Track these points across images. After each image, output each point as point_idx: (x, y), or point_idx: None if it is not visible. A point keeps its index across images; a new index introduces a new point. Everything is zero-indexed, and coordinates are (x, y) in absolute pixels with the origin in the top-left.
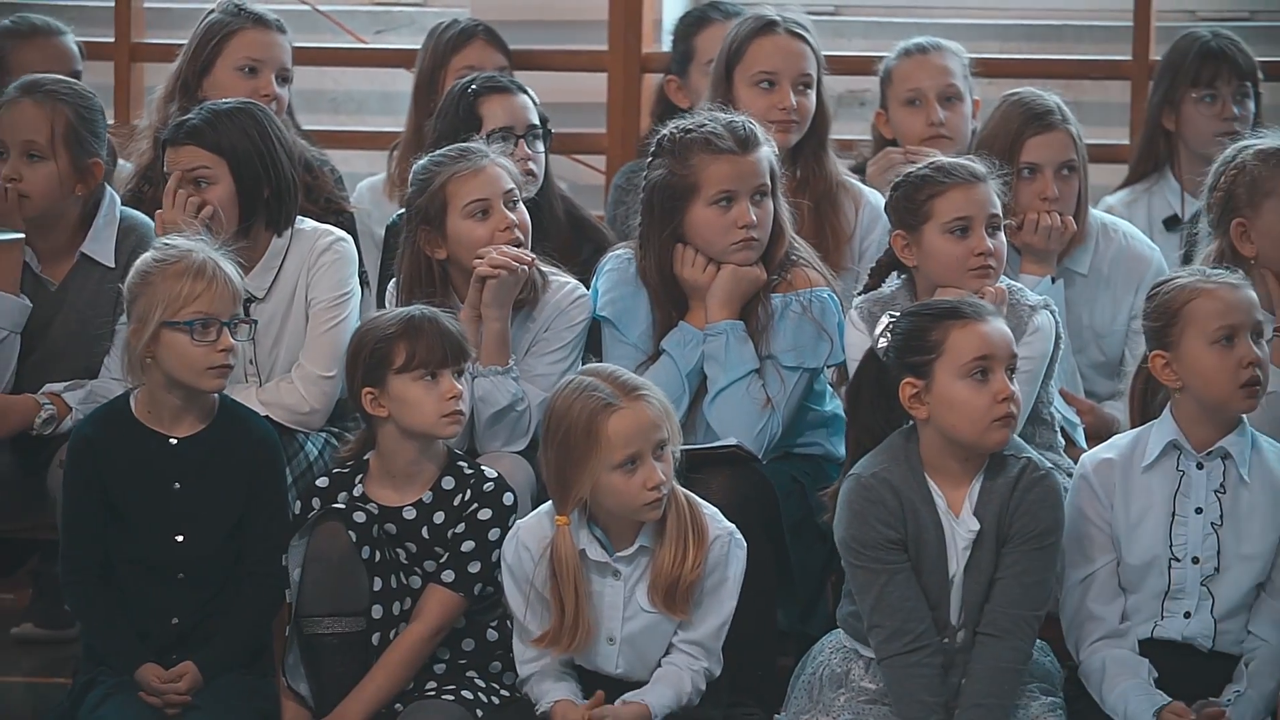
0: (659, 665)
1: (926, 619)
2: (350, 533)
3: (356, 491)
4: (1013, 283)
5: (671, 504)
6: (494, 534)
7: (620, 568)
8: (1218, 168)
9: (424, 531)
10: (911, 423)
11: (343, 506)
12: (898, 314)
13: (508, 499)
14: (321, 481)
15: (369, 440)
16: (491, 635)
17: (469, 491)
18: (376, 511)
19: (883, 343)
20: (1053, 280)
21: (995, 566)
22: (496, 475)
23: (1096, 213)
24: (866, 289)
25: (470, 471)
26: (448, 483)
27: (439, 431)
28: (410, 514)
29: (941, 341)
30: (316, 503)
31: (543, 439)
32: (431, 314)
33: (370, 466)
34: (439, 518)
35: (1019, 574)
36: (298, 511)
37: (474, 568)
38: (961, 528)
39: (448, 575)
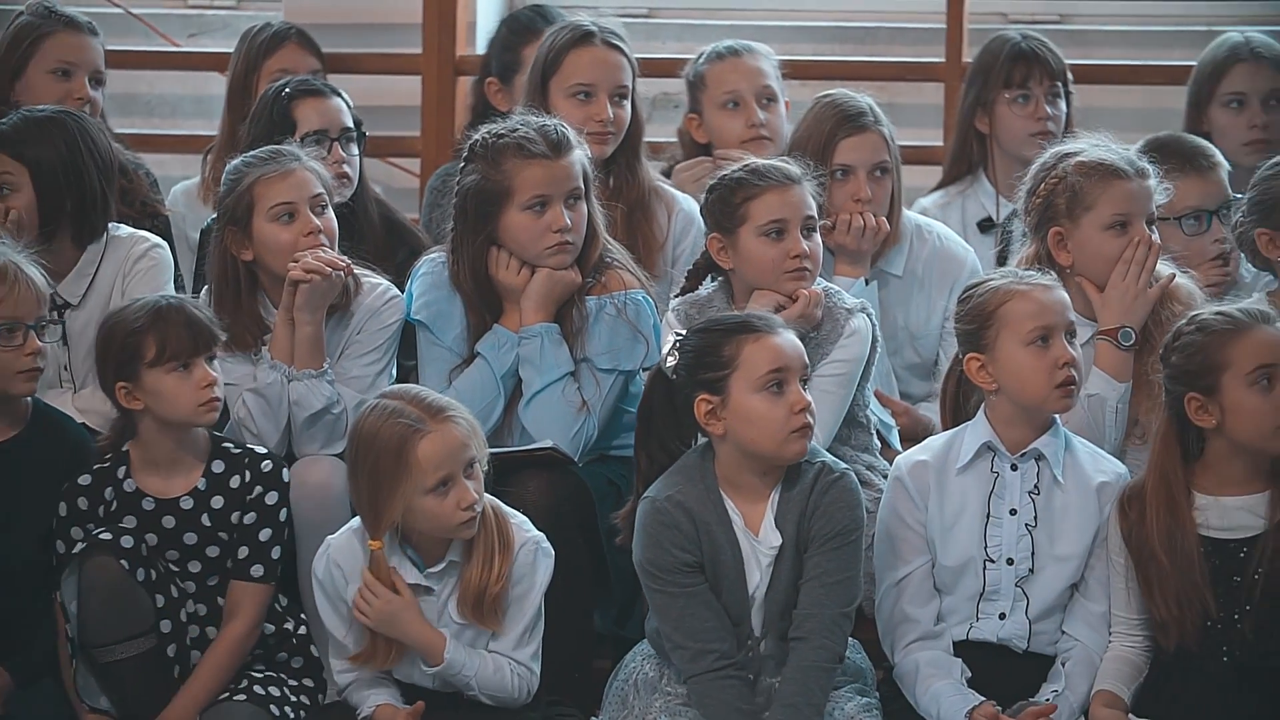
0: None
1: (729, 637)
2: (121, 560)
3: (129, 486)
4: (830, 285)
5: (479, 517)
6: (283, 514)
7: (432, 585)
8: (1037, 173)
9: (204, 519)
10: (706, 440)
11: (109, 537)
12: (684, 333)
13: (285, 475)
14: (84, 479)
15: (127, 430)
16: (268, 629)
17: (247, 473)
18: (152, 506)
19: (671, 361)
20: (866, 282)
21: (800, 573)
22: (266, 450)
23: (910, 214)
24: (683, 291)
25: (238, 451)
26: (218, 466)
27: (197, 420)
28: (188, 504)
29: (735, 356)
30: (83, 503)
31: (351, 465)
32: (178, 303)
33: (132, 457)
34: (218, 502)
35: (822, 575)
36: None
37: (275, 554)
38: (762, 545)
39: (256, 570)
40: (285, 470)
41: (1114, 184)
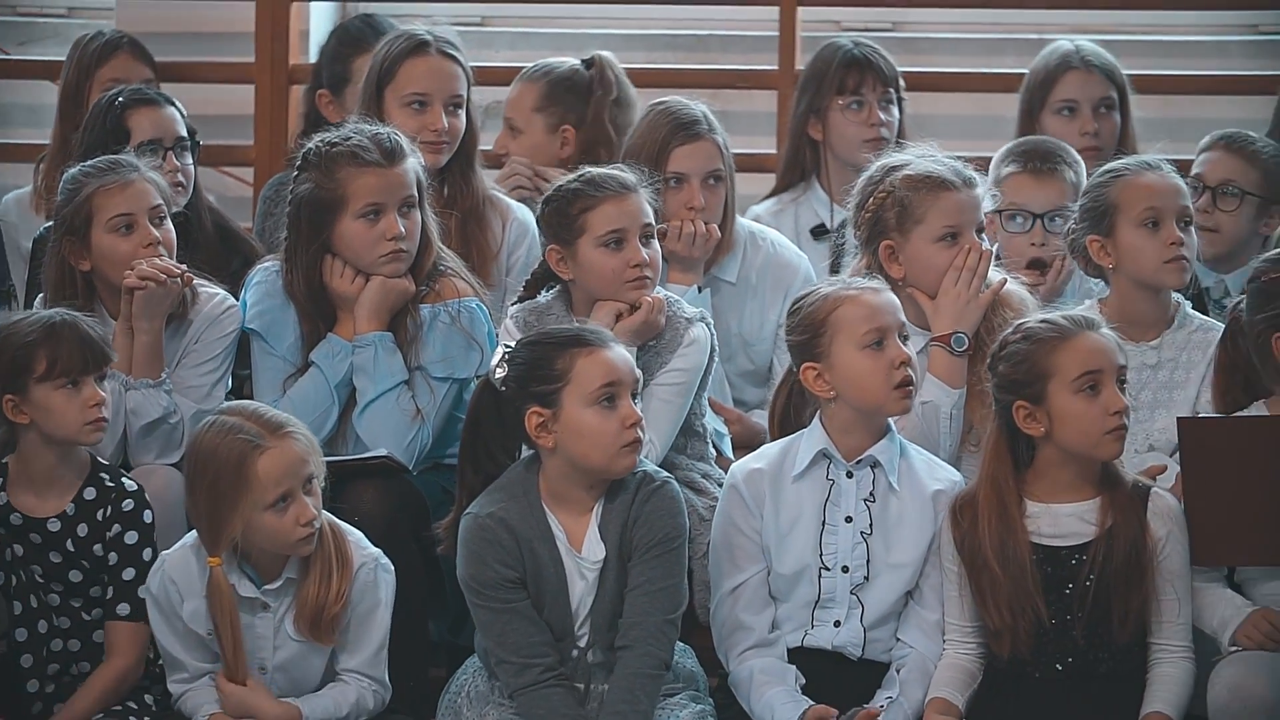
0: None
1: (552, 651)
2: None
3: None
4: (670, 294)
5: (317, 534)
6: (147, 554)
7: (269, 601)
8: (865, 187)
9: (68, 544)
10: (532, 452)
11: None
12: (511, 345)
13: (147, 516)
14: None
15: (8, 443)
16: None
17: (109, 508)
18: (20, 522)
19: (500, 372)
20: (700, 289)
21: (626, 582)
22: (135, 488)
23: (744, 221)
24: (521, 299)
25: (112, 484)
26: (89, 493)
27: (83, 439)
28: (55, 526)
29: (568, 370)
30: None
31: (189, 482)
32: (72, 319)
33: (10, 469)
34: (83, 530)
35: (646, 584)
36: None
37: (143, 593)
38: (586, 560)
39: (123, 609)
40: (148, 511)
41: (942, 196)
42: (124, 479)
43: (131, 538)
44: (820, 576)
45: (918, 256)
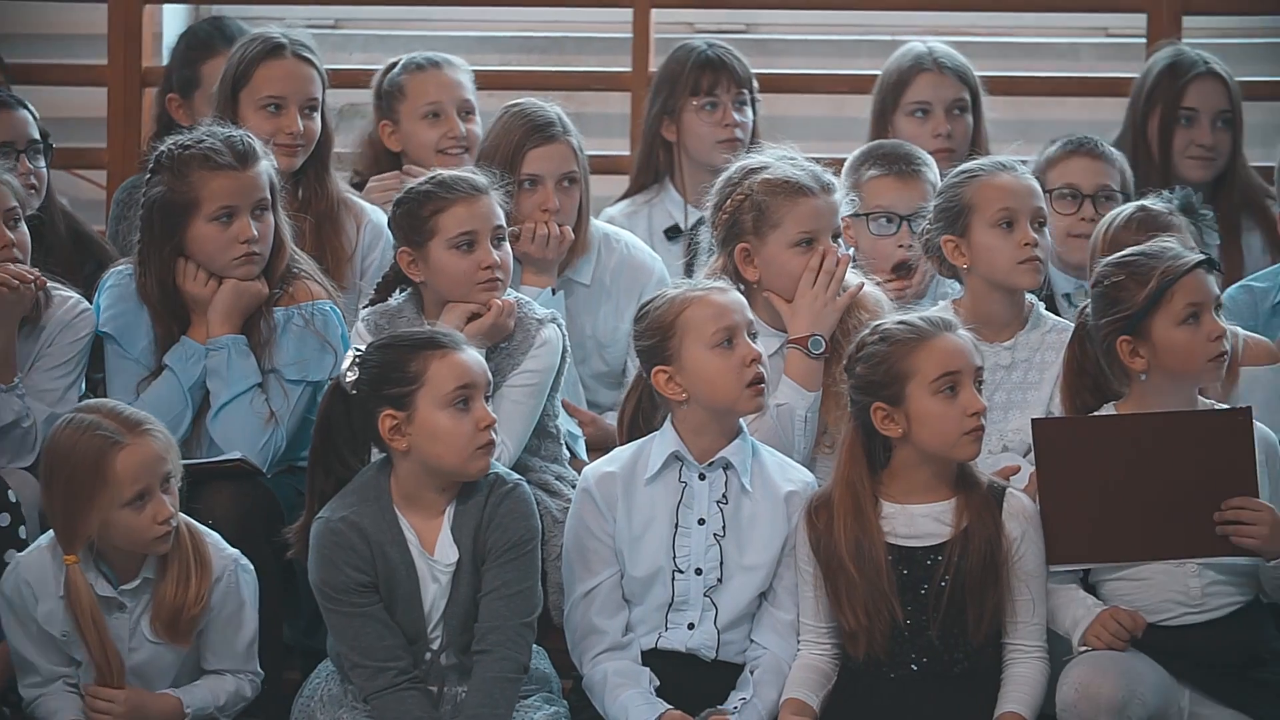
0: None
1: (405, 655)
2: None
3: None
4: (521, 296)
5: (174, 534)
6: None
7: (126, 600)
8: (723, 188)
9: None
10: (384, 455)
11: None
12: (362, 348)
13: (3, 519)
14: None
15: None
16: None
17: None
18: None
19: (351, 376)
20: (554, 291)
21: (480, 585)
22: None
23: (598, 223)
24: (373, 302)
25: None
26: None
27: None
28: None
29: (422, 372)
30: None
31: (45, 479)
32: None
33: None
34: None
35: (501, 587)
36: None
37: None
38: (439, 562)
39: None
40: (4, 514)
41: (800, 201)
42: None
43: None
44: (674, 579)
45: (773, 260)
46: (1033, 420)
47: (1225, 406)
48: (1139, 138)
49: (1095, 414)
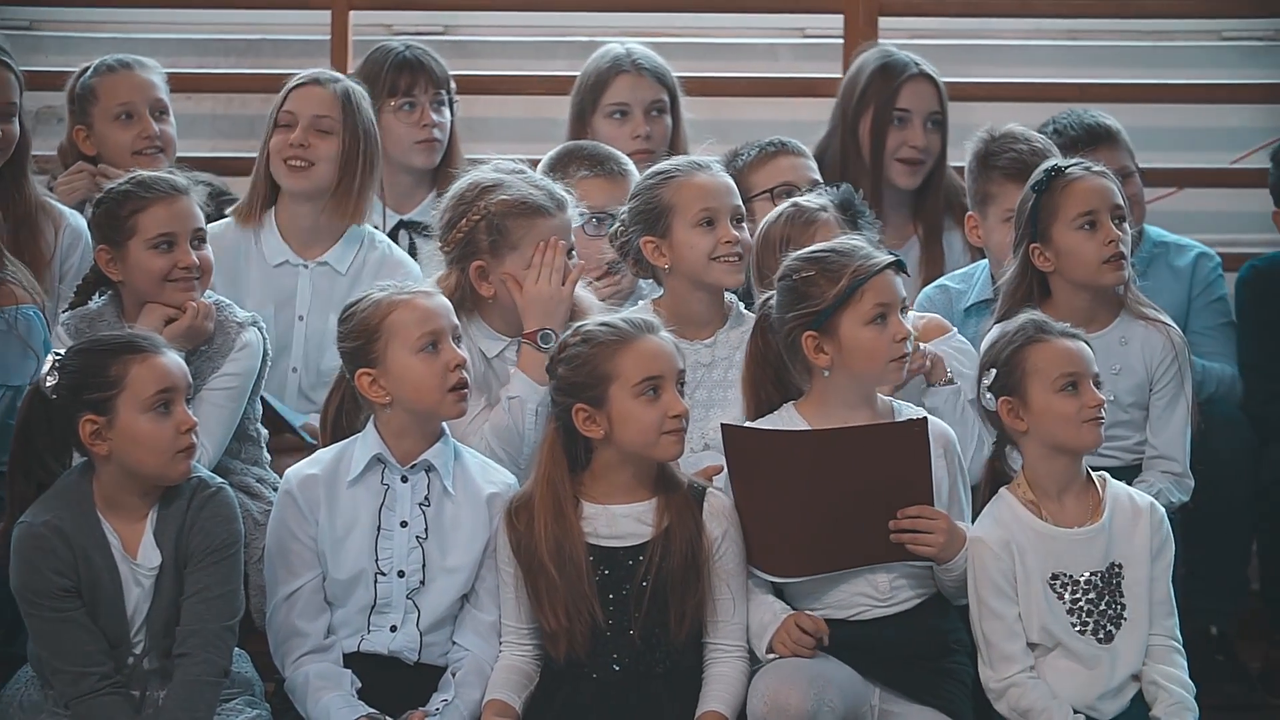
0: None
1: (107, 660)
2: None
3: None
4: (221, 298)
5: None
6: None
7: None
8: (456, 206)
9: None
10: (86, 459)
11: None
12: (62, 352)
13: None
14: None
15: None
16: None
17: None
18: None
19: (51, 381)
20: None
21: (182, 589)
22: None
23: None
24: (73, 306)
25: None
26: None
27: None
28: None
29: (122, 376)
30: None
31: None
32: None
33: None
34: None
35: (203, 591)
36: None
37: None
38: (142, 566)
39: None
40: None
41: (539, 223)
42: None
43: None
44: (376, 581)
45: (511, 279)
46: (722, 425)
47: (902, 419)
48: (849, 138)
49: (774, 415)
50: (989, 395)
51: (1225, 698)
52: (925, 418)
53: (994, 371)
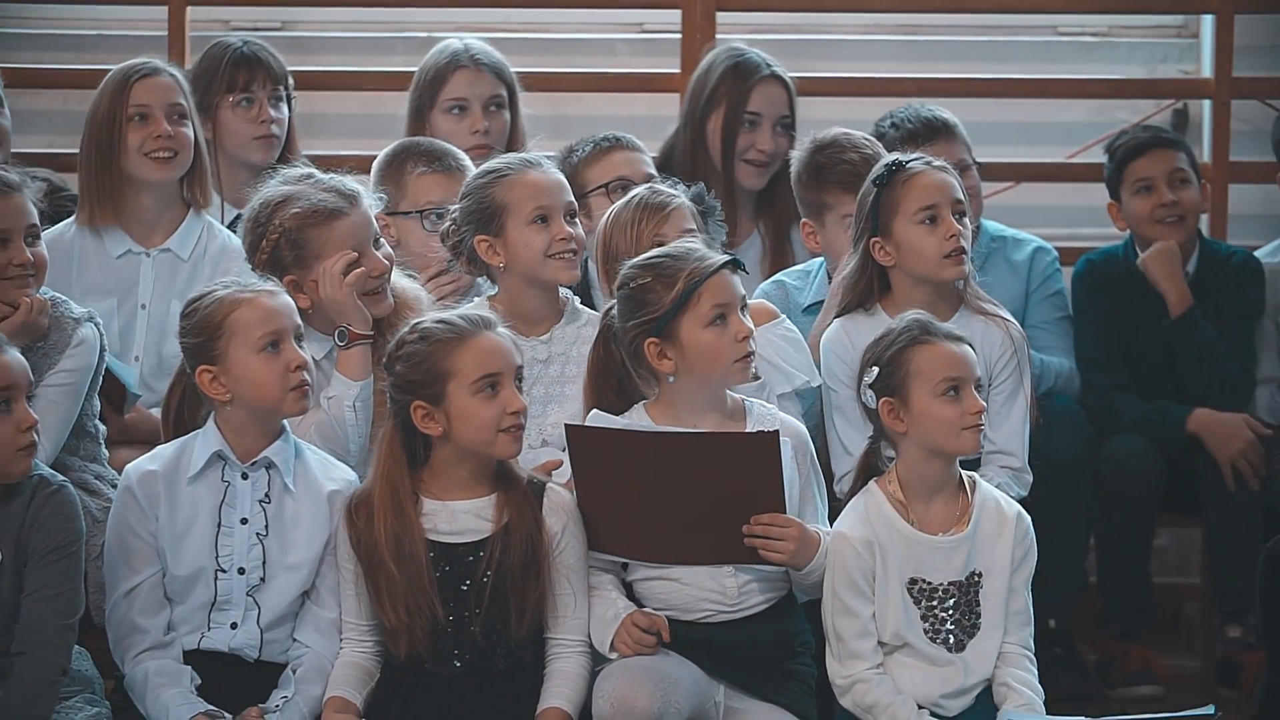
0: None
1: None
2: None
3: None
4: (57, 294)
5: None
6: None
7: None
8: (253, 229)
9: None
10: None
11: None
12: None
13: None
14: None
15: None
16: None
17: None
18: None
19: None
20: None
21: (22, 587)
22: None
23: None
24: None
25: None
26: None
27: None
28: None
29: None
30: None
31: None
32: None
33: None
34: None
35: (43, 588)
36: None
37: None
38: None
39: None
40: None
41: (335, 226)
42: None
43: None
44: (216, 578)
45: (318, 288)
46: (566, 425)
47: (753, 430)
48: (697, 136)
49: (625, 415)
50: (869, 393)
51: (1062, 689)
52: (776, 430)
53: (876, 370)
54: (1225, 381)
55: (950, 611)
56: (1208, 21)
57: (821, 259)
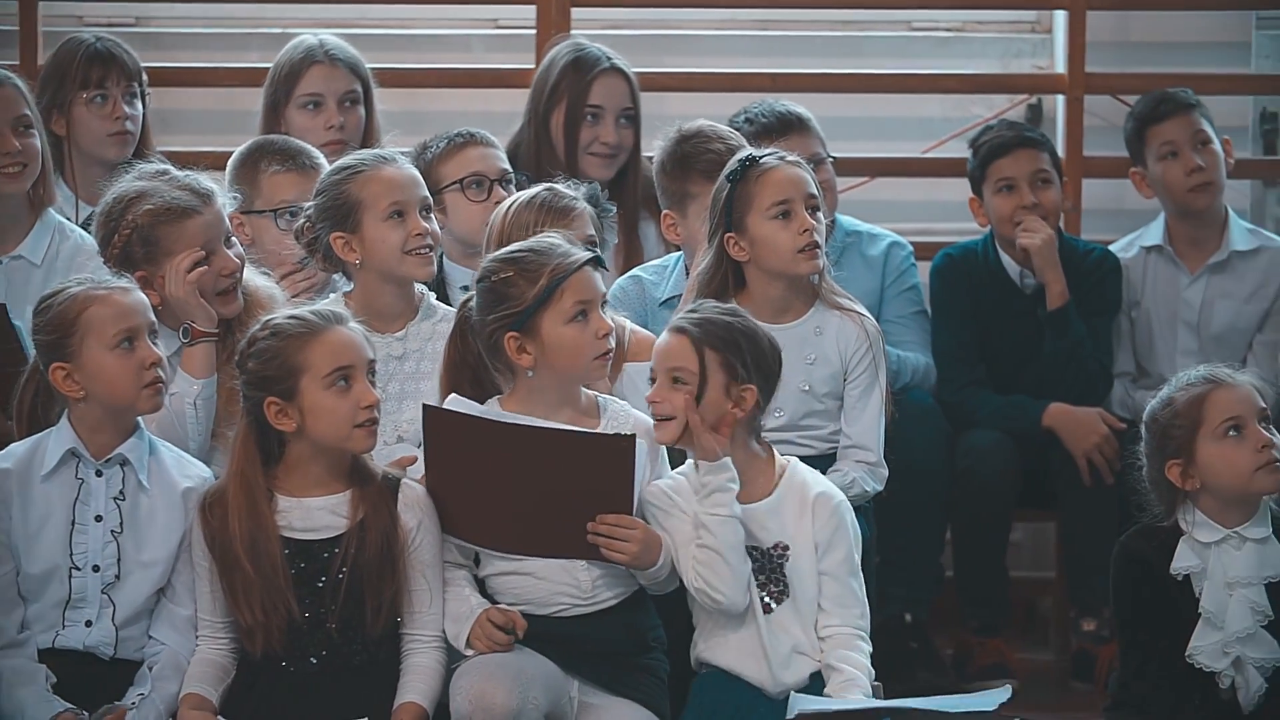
0: None
1: None
2: None
3: None
4: None
5: None
6: None
7: None
8: (105, 224)
9: None
10: None
11: None
12: None
13: None
14: None
15: None
16: None
17: None
18: None
19: None
20: None
21: None
22: None
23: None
24: None
25: None
26: None
27: None
28: None
29: None
30: None
31: None
32: None
33: None
34: None
35: None
36: None
37: None
38: None
39: None
40: None
41: (188, 224)
42: None
43: None
44: (71, 576)
45: (164, 285)
46: (424, 406)
47: (610, 430)
48: (542, 132)
49: (483, 408)
50: None
51: (919, 684)
52: (634, 435)
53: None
54: (1090, 378)
55: (754, 575)
56: (1060, 17)
57: (679, 254)
